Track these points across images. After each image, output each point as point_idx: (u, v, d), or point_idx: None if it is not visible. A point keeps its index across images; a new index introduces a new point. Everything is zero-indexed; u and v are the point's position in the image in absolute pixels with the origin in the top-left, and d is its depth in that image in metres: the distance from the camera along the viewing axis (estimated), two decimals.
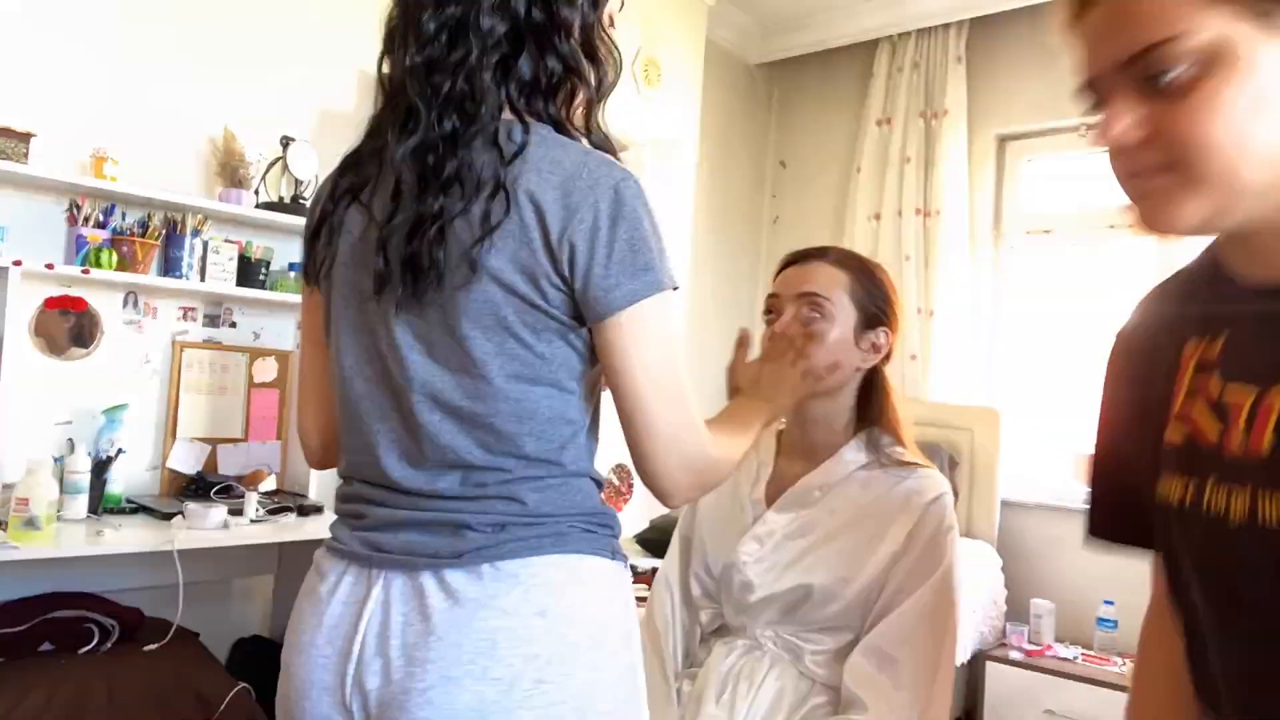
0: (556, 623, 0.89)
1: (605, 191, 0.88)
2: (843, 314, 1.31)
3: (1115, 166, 0.67)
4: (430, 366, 0.92)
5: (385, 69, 0.96)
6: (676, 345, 0.93)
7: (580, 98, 0.97)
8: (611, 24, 0.99)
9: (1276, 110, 0.60)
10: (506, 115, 0.92)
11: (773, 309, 1.36)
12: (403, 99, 0.92)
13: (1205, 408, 0.69)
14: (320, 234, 1.00)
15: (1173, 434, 0.72)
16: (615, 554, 0.97)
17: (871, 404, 1.35)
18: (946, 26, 3.69)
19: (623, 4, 1.02)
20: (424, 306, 0.91)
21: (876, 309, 1.34)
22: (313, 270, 1.01)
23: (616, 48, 0.99)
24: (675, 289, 0.92)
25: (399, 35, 0.93)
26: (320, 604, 0.96)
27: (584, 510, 0.95)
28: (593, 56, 0.96)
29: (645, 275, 0.89)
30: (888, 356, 1.35)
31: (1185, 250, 0.78)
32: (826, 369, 1.29)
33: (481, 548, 0.89)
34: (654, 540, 3.10)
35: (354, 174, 0.98)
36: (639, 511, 3.44)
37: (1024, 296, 3.68)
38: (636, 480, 3.49)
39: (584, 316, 0.91)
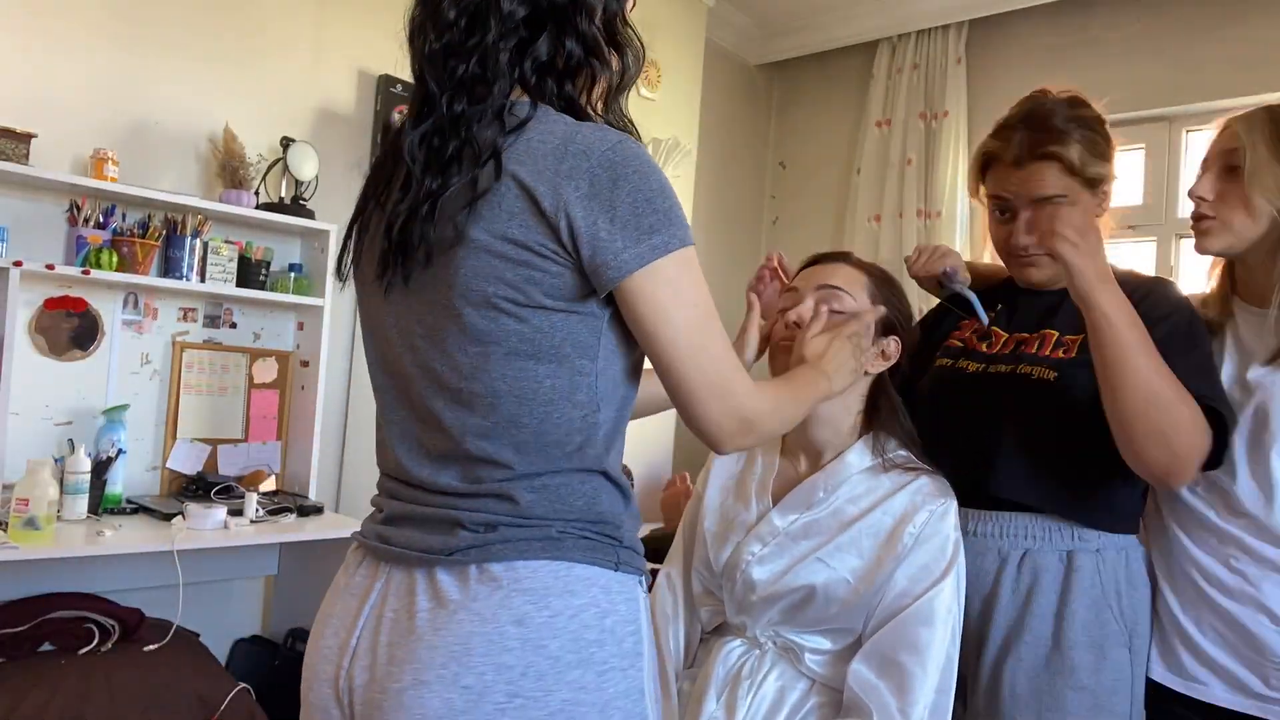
0: (535, 633, 0.84)
1: (600, 156, 0.85)
2: (861, 311, 1.31)
3: (1013, 239, 1.42)
4: (429, 349, 0.90)
5: (412, 66, 0.95)
6: (701, 300, 0.89)
7: (600, 84, 0.95)
8: (633, 8, 0.98)
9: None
10: (516, 94, 0.90)
11: (790, 302, 1.34)
12: (420, 86, 0.91)
13: (972, 335, 1.50)
14: (350, 235, 1.01)
15: (953, 341, 1.52)
16: (620, 565, 0.91)
17: (878, 408, 1.35)
18: (946, 27, 3.69)
19: None
20: (418, 286, 0.90)
21: (892, 316, 1.33)
22: (343, 268, 1.02)
23: (639, 37, 0.97)
24: (689, 245, 0.89)
25: (419, 26, 0.93)
26: (336, 596, 0.97)
27: (585, 516, 0.90)
28: (615, 44, 0.95)
29: (652, 238, 0.85)
30: (897, 365, 1.35)
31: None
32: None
33: (470, 547, 0.86)
34: (654, 540, 3.09)
35: (378, 175, 0.99)
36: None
37: None
38: (637, 482, 3.50)
39: (594, 286, 0.87)
